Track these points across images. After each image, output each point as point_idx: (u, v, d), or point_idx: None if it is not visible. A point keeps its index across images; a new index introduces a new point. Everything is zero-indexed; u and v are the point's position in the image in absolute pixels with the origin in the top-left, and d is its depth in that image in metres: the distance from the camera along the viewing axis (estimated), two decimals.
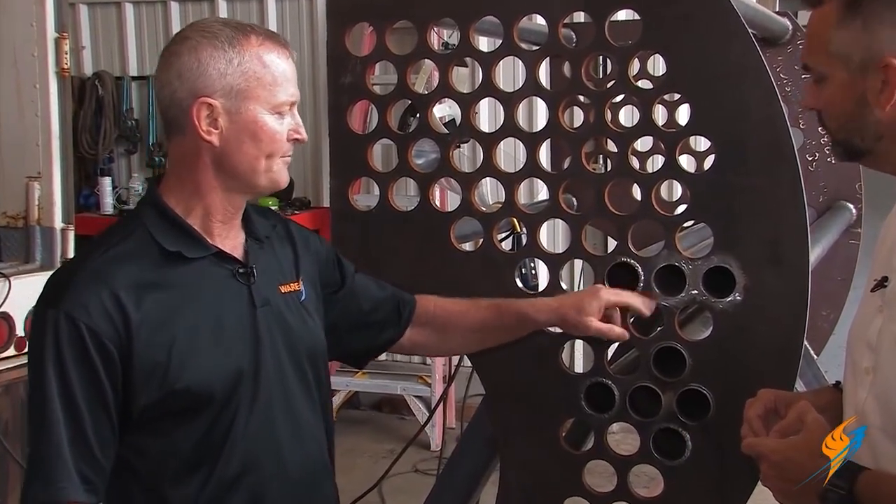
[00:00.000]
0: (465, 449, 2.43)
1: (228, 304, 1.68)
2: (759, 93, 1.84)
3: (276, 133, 1.66)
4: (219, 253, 1.69)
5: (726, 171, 1.89)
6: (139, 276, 1.61)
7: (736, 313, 1.91)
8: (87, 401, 1.56)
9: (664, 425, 1.99)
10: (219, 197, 1.68)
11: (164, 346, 1.59)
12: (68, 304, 1.56)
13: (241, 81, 1.62)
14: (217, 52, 1.62)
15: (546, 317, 1.99)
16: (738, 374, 1.92)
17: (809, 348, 2.55)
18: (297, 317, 1.78)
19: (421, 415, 5.64)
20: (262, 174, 1.67)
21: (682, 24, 1.89)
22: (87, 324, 1.55)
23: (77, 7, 6.75)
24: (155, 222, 1.67)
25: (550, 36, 1.99)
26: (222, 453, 1.66)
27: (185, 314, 1.62)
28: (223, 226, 1.71)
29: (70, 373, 1.55)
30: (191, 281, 1.65)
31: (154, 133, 6.72)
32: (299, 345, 1.77)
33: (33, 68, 3.64)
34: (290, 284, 1.80)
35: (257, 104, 1.63)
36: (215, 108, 1.62)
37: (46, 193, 3.67)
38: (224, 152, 1.65)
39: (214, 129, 1.63)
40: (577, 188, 2.24)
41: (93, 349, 1.55)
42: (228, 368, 1.65)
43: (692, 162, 3.52)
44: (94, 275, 1.59)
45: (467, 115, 2.08)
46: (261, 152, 1.65)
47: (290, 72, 1.67)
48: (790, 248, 1.86)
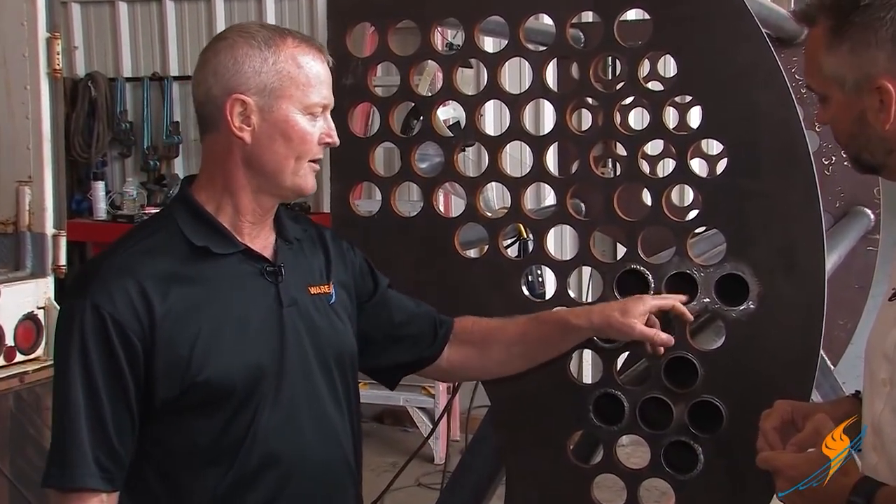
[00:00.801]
0: (469, 462, 2.43)
1: (254, 302, 1.74)
2: (773, 95, 1.85)
3: (306, 133, 1.71)
4: (247, 250, 1.75)
5: (739, 175, 1.89)
6: (166, 270, 1.67)
7: (749, 322, 1.91)
8: (108, 391, 1.63)
9: (675, 438, 1.99)
10: (248, 196, 1.74)
11: (187, 339, 1.65)
12: (94, 295, 1.63)
13: (275, 80, 1.69)
14: (253, 51, 1.69)
15: (587, 322, 1.96)
16: (752, 386, 1.92)
17: (826, 358, 2.55)
18: (326, 318, 1.82)
19: (424, 427, 5.64)
20: (288, 175, 1.73)
21: (693, 24, 1.90)
22: (111, 314, 1.62)
23: (69, 6, 6.77)
24: (185, 218, 1.73)
25: (558, 36, 2.00)
26: (242, 448, 1.70)
27: (209, 309, 1.68)
28: (253, 226, 1.77)
29: (93, 362, 1.62)
30: (217, 276, 1.71)
31: (149, 136, 6.74)
32: (327, 346, 1.81)
33: (24, 69, 3.65)
34: (321, 287, 1.84)
35: (290, 104, 1.70)
36: (248, 105, 1.68)
37: (37, 198, 3.67)
38: (255, 150, 1.71)
39: (247, 126, 1.70)
40: (585, 193, 2.25)
41: (116, 340, 1.62)
42: (250, 364, 1.70)
43: (704, 166, 3.52)
44: (121, 267, 1.66)
45: (472, 118, 2.09)
46: (291, 152, 1.71)
47: (324, 75, 1.73)
48: (805, 255, 1.86)
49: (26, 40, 3.62)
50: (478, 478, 2.37)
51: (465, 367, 2.05)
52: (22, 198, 3.66)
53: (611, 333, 1.97)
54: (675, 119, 3.50)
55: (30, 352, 3.61)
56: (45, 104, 3.67)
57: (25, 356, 3.59)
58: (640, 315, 1.93)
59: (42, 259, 3.66)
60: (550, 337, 2.01)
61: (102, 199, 6.39)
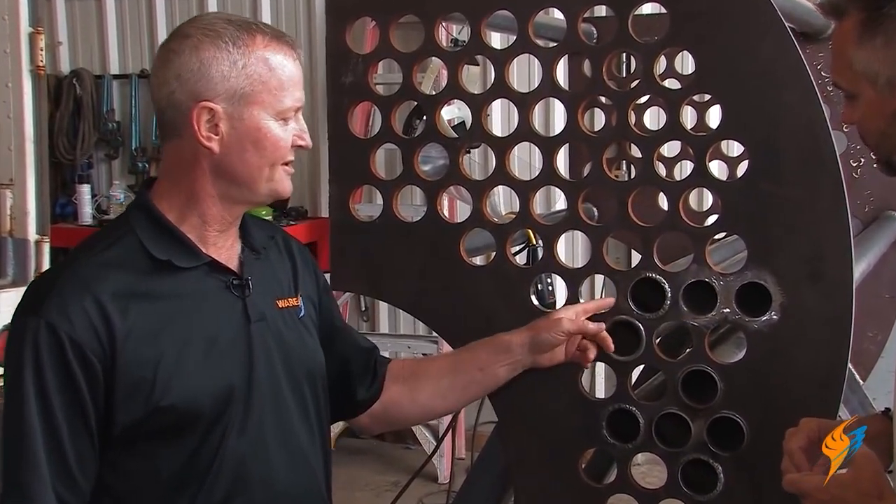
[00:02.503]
0: (475, 481, 2.43)
1: (221, 318, 1.71)
2: (798, 93, 1.85)
3: (279, 140, 1.69)
4: (212, 263, 1.72)
5: (761, 178, 1.89)
6: (126, 286, 1.63)
7: (772, 334, 1.91)
8: (66, 416, 1.59)
9: (693, 456, 1.99)
10: (216, 206, 1.71)
11: (150, 360, 1.62)
12: (50, 313, 1.58)
13: (245, 85, 1.65)
14: (220, 53, 1.65)
15: (516, 334, 1.98)
16: (775, 401, 1.92)
17: (854, 372, 2.55)
18: (295, 334, 1.81)
19: (428, 444, 5.64)
20: (263, 183, 1.70)
21: (712, 19, 1.90)
22: (68, 334, 1.57)
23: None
24: (145, 228, 1.69)
25: (569, 31, 2.00)
26: (209, 476, 1.68)
27: (173, 327, 1.65)
28: (219, 234, 1.74)
29: (49, 386, 1.58)
30: (181, 292, 1.68)
31: (137, 137, 6.75)
32: (297, 363, 1.79)
33: (5, 66, 3.67)
34: (289, 299, 1.82)
35: (262, 110, 1.67)
36: (216, 112, 1.65)
37: (19, 202, 3.69)
38: (224, 160, 1.68)
39: (215, 134, 1.66)
40: (597, 197, 2.25)
41: (74, 361, 1.58)
42: (218, 386, 1.68)
43: (724, 169, 3.53)
44: (79, 281, 1.62)
45: (478, 118, 2.09)
46: (264, 161, 1.69)
47: (297, 75, 1.72)
48: (832, 263, 1.86)
49: (8, 35, 3.64)
50: (484, 498, 2.37)
51: (398, 405, 2.04)
52: (3, 202, 3.68)
53: (542, 340, 1.97)
54: (692, 119, 3.51)
55: None
56: (27, 103, 3.70)
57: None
58: (570, 317, 1.95)
59: (24, 266, 3.68)
60: (480, 360, 2.00)
61: (88, 202, 6.40)
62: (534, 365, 2.00)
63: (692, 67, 1.95)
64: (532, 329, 1.98)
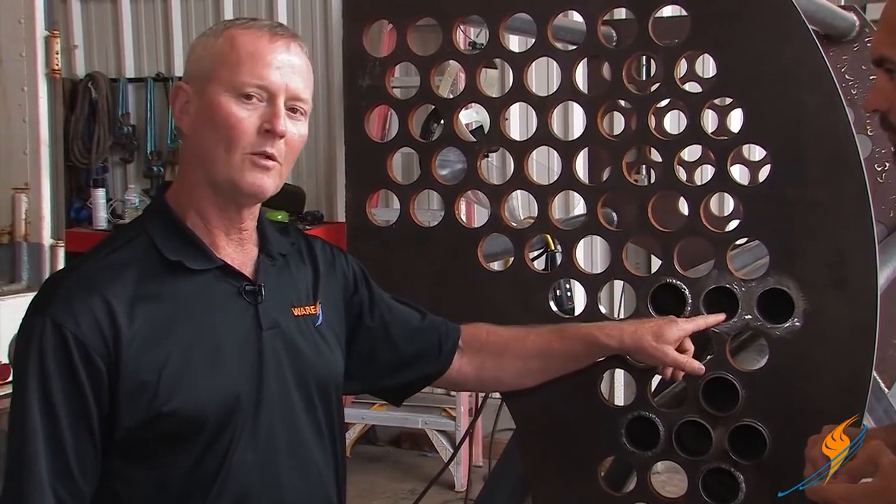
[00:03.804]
0: (493, 489, 2.43)
1: (231, 324, 1.70)
2: (821, 96, 1.84)
3: (232, 117, 1.64)
4: (225, 267, 1.71)
5: (784, 182, 1.89)
6: (135, 287, 1.63)
7: (795, 341, 1.90)
8: (69, 415, 1.58)
9: (714, 465, 1.98)
10: (209, 202, 1.70)
11: (155, 364, 1.61)
12: (56, 312, 1.58)
13: (208, 64, 1.68)
14: (203, 40, 1.71)
15: (618, 342, 1.96)
16: (798, 409, 1.91)
17: (879, 380, 2.53)
18: (310, 342, 1.79)
19: (444, 451, 5.64)
20: (221, 166, 1.66)
21: (734, 21, 1.89)
22: (74, 333, 1.57)
23: (69, 2, 6.84)
24: (158, 229, 1.70)
25: (588, 34, 2.00)
26: (214, 486, 1.66)
27: (181, 331, 1.64)
28: (228, 238, 1.73)
29: (53, 385, 1.57)
30: (191, 295, 1.67)
31: (152, 140, 6.77)
32: (309, 373, 1.78)
33: (21, 69, 3.69)
34: (305, 307, 1.81)
35: (218, 85, 1.66)
36: (188, 92, 1.70)
37: (34, 206, 3.71)
38: (191, 140, 1.70)
39: (187, 116, 1.70)
40: (617, 202, 2.24)
41: (78, 360, 1.58)
42: (224, 393, 1.66)
43: (745, 173, 3.51)
44: (87, 282, 1.62)
45: (497, 122, 2.09)
46: (219, 138, 1.65)
47: (265, 55, 1.66)
48: (856, 269, 1.85)
49: (24, 39, 3.67)
50: None
51: (478, 379, 2.05)
52: (18, 206, 3.70)
53: (641, 357, 1.97)
54: (714, 123, 3.50)
55: None
56: (42, 106, 3.72)
57: None
58: (675, 341, 1.93)
59: (39, 271, 3.69)
60: (574, 353, 2.01)
61: (103, 207, 6.42)
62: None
63: (713, 70, 1.95)
64: (636, 342, 1.94)
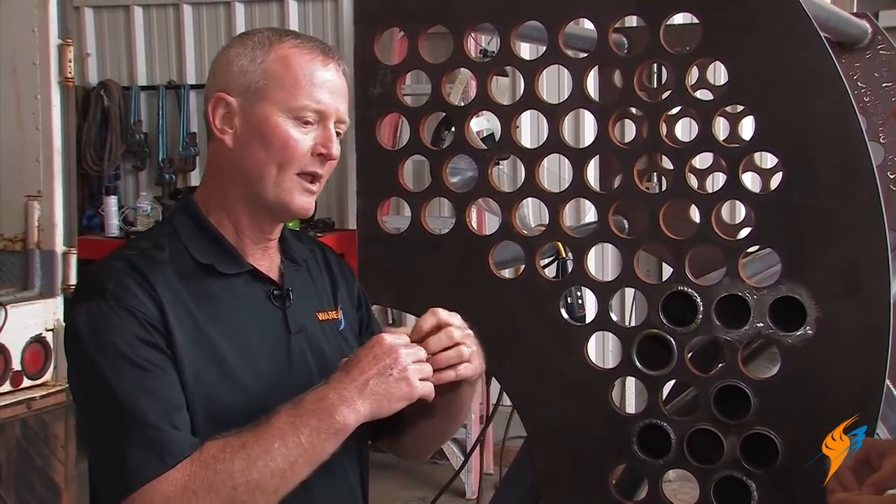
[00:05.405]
0: (504, 497, 2.43)
1: (260, 327, 1.72)
2: (833, 103, 1.84)
3: (289, 139, 1.68)
4: (253, 271, 1.74)
5: (796, 190, 1.88)
6: (175, 283, 1.65)
7: (807, 349, 1.90)
8: (155, 364, 1.57)
9: (726, 473, 1.98)
10: (244, 213, 1.72)
11: (185, 363, 1.62)
12: (115, 293, 1.59)
13: (259, 80, 1.68)
14: (244, 51, 1.70)
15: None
16: (810, 418, 1.90)
17: (892, 389, 2.52)
18: (335, 346, 1.81)
19: (455, 459, 5.63)
20: (270, 185, 1.69)
21: (746, 28, 1.89)
22: (137, 308, 1.59)
23: (82, 11, 6.87)
24: (189, 231, 1.72)
25: (600, 42, 2.00)
26: None
27: (211, 333, 1.66)
28: (256, 246, 1.75)
29: (130, 346, 1.56)
30: (221, 298, 1.69)
31: (164, 148, 6.80)
32: None
33: (34, 77, 3.71)
34: (329, 312, 1.84)
35: (273, 105, 1.68)
36: (231, 105, 1.69)
37: (47, 214, 3.72)
38: (236, 154, 1.70)
39: (229, 128, 1.69)
40: (628, 209, 2.24)
41: (148, 327, 1.59)
42: (252, 395, 1.67)
43: (757, 181, 3.51)
44: (135, 270, 1.63)
45: (507, 129, 2.09)
46: (271, 158, 1.68)
47: (320, 78, 1.71)
48: (868, 277, 1.85)
49: (37, 47, 3.68)
50: None
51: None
52: (31, 213, 3.71)
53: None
54: (725, 130, 3.49)
55: (37, 376, 3.65)
56: (55, 114, 3.73)
57: (33, 381, 3.64)
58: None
59: (51, 278, 3.70)
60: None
61: (115, 214, 6.45)
62: None
63: (725, 78, 1.94)
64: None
